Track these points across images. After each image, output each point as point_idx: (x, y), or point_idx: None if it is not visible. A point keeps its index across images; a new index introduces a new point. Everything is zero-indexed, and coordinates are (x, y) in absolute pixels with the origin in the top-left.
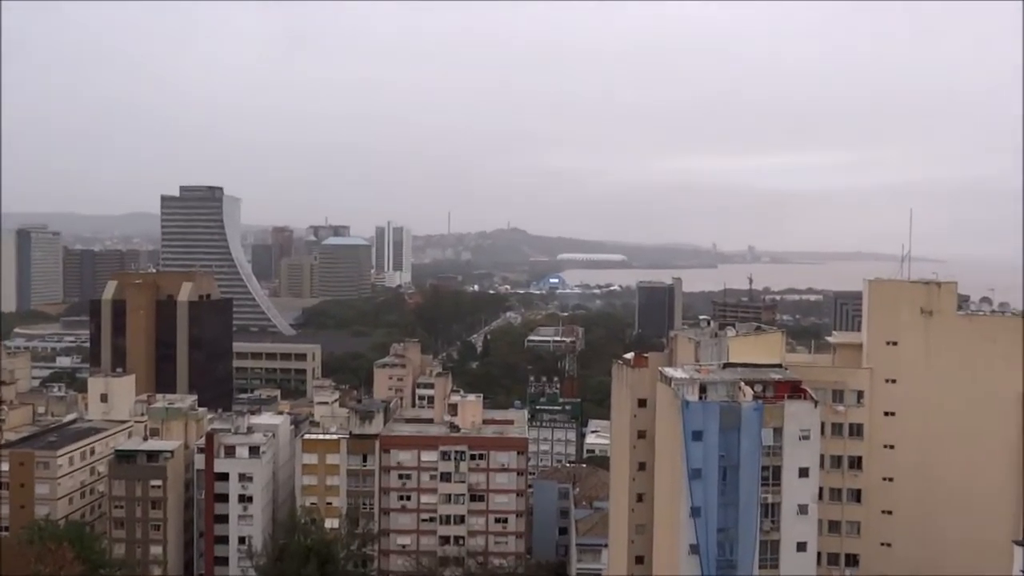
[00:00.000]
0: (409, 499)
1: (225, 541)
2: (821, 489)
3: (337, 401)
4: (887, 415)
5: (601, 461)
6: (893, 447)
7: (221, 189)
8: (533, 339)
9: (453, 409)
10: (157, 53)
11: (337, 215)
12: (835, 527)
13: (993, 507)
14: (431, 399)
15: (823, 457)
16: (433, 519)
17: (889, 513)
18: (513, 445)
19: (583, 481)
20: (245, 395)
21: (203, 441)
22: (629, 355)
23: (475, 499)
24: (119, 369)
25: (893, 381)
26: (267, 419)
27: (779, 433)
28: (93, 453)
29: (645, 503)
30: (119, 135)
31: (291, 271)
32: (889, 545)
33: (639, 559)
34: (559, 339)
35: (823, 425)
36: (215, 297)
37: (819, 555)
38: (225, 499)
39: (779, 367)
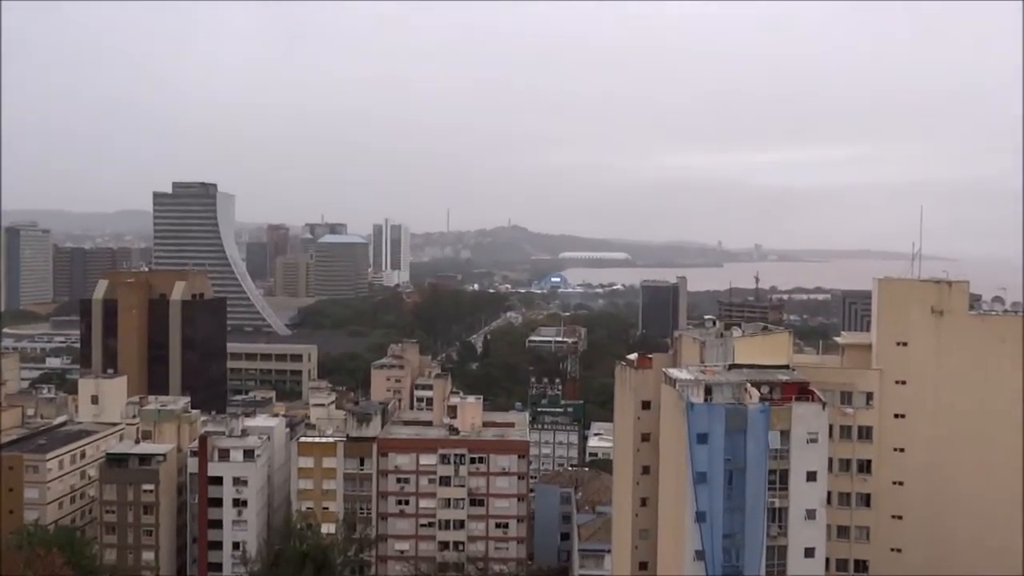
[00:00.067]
0: (407, 503)
1: (219, 547)
2: (829, 493)
3: (334, 403)
4: (897, 417)
5: (604, 464)
6: (903, 450)
7: (215, 186)
8: (534, 339)
9: (452, 411)
10: (157, 53)
11: (334, 213)
12: (844, 532)
13: (1005, 510)
14: (430, 401)
15: (831, 460)
16: (432, 524)
17: (899, 518)
18: (514, 448)
19: (585, 485)
20: (239, 397)
21: (196, 444)
22: (632, 356)
23: (475, 503)
24: (110, 370)
25: (903, 383)
26: (262, 421)
27: (786, 436)
28: (84, 456)
29: (649, 507)
30: (119, 135)
31: (286, 270)
32: (899, 551)
33: (643, 565)
34: (561, 339)
35: (831, 428)
36: (209, 296)
37: (827, 561)
38: (219, 503)
39: (786, 368)
